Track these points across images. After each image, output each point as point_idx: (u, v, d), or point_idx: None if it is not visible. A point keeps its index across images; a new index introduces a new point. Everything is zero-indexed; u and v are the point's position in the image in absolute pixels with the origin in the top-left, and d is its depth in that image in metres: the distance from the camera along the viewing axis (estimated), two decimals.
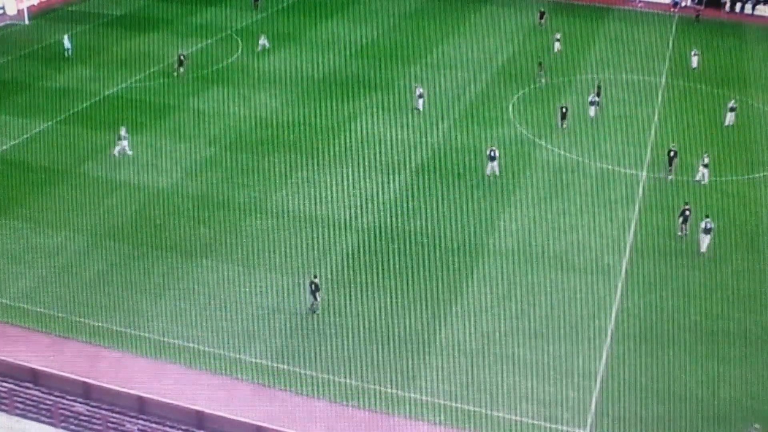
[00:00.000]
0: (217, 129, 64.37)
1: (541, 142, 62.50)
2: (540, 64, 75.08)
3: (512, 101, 70.18)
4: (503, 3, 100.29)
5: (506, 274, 46.82)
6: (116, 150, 59.86)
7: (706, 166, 57.28)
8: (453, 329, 42.34)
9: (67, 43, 79.91)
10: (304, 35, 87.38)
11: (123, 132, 60.11)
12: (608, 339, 41.84)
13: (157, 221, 51.53)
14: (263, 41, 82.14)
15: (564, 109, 65.49)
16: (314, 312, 43.46)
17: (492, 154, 57.88)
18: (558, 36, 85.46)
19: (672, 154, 57.97)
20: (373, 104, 69.48)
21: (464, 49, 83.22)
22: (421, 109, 68.28)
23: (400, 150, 61.06)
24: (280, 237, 50.12)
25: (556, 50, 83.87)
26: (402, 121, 65.94)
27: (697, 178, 57.34)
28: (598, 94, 68.87)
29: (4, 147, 60.75)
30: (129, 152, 60.19)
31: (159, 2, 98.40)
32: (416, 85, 70.63)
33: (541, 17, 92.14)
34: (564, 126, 65.16)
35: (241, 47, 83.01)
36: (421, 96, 68.57)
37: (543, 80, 73.82)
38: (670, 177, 57.59)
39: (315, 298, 43.28)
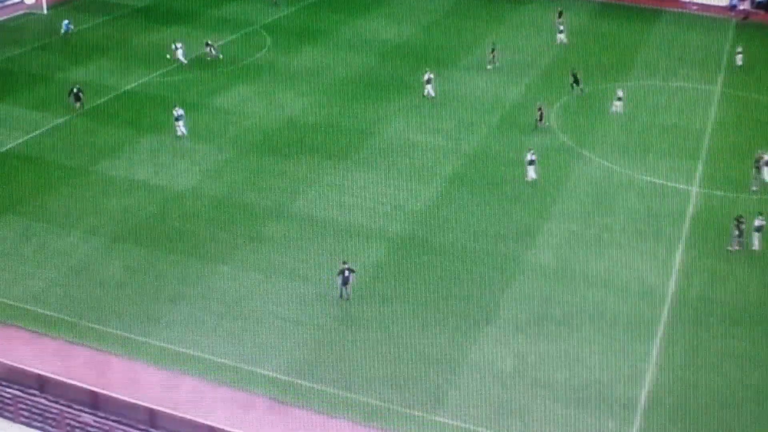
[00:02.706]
0: (241, 129, 64.65)
1: (584, 151, 62.26)
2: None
3: (555, 107, 69.94)
4: (546, 2, 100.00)
5: (543, 293, 46.60)
6: (179, 132, 62.54)
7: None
8: (485, 349, 42.19)
9: (67, 26, 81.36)
10: (334, 32, 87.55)
11: (178, 111, 62.49)
12: (652, 366, 41.48)
13: (175, 223, 51.80)
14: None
15: (540, 110, 66.33)
16: (347, 299, 44.61)
17: (531, 158, 57.91)
18: (562, 27, 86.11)
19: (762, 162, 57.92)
20: (406, 107, 69.47)
21: (504, 50, 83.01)
22: (434, 95, 70.12)
23: (432, 156, 61.03)
24: (303, 244, 50.22)
25: (559, 42, 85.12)
26: (436, 126, 65.91)
27: (754, 188, 57.17)
28: (576, 81, 72.34)
29: (18, 141, 61.32)
30: (183, 131, 62.58)
31: None
32: (427, 70, 71.67)
33: (560, 16, 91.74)
34: (541, 125, 65.91)
35: (268, 43, 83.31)
36: (429, 81, 70.08)
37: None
38: (754, 188, 57.40)
39: (347, 284, 44.39)
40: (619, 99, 69.11)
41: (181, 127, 63.03)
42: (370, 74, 76.50)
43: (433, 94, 71.03)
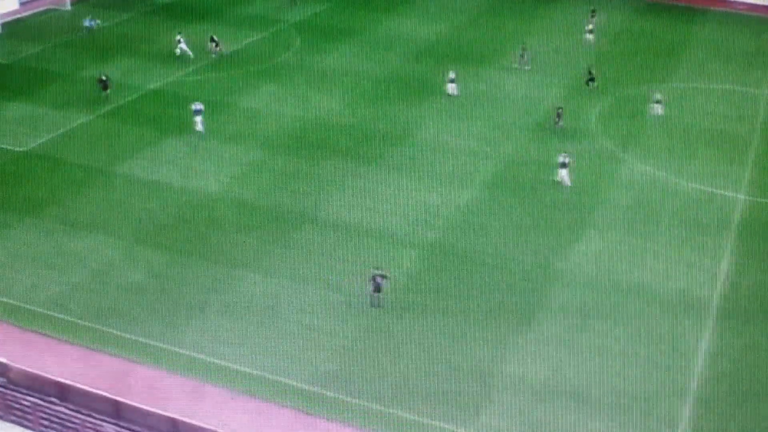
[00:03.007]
0: (269, 130, 64.69)
1: (626, 157, 61.87)
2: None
3: (596, 110, 69.58)
4: (593, 2, 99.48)
5: (582, 304, 46.28)
6: (198, 126, 63.43)
7: None
8: (521, 361, 41.92)
9: (87, 23, 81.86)
10: (365, 31, 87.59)
11: (197, 106, 63.25)
12: (695, 382, 41.06)
13: (200, 227, 51.84)
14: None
15: (560, 110, 66.53)
16: (378, 306, 44.54)
17: (564, 161, 57.68)
18: (591, 27, 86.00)
19: None
20: (439, 108, 69.31)
21: (543, 50, 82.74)
22: (456, 94, 70.79)
23: (468, 161, 60.83)
24: (333, 251, 50.14)
25: (585, 43, 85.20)
26: (472, 129, 65.71)
27: None
28: (591, 79, 73.90)
29: (40, 141, 61.66)
30: (201, 128, 63.36)
31: None
32: (450, 69, 72.49)
33: (592, 16, 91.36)
34: (558, 126, 66.05)
35: (297, 42, 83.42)
36: (452, 80, 70.78)
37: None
38: None
39: (378, 291, 44.46)
40: (658, 101, 68.70)
41: (199, 124, 63.65)
42: (401, 74, 76.37)
43: (456, 93, 71.39)
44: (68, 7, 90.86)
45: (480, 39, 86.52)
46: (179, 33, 79.98)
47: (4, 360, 37.50)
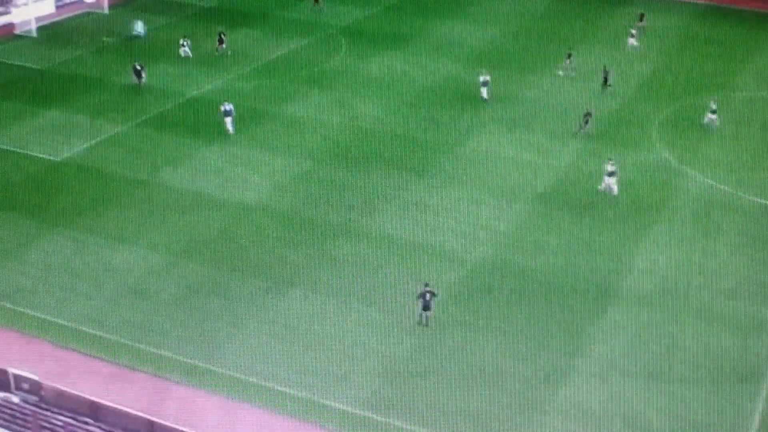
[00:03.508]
0: (313, 140, 64.89)
1: (688, 170, 61.37)
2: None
3: (657, 121, 69.10)
4: (650, 6, 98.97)
5: (641, 324, 45.88)
6: (226, 123, 64.46)
7: None
8: (575, 385, 41.64)
9: (138, 29, 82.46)
10: (415, 37, 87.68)
11: (227, 106, 64.57)
12: (760, 407, 40.59)
13: (241, 240, 52.03)
14: (186, 49, 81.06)
15: (588, 115, 66.49)
16: (425, 325, 44.33)
17: (611, 169, 57.47)
18: (634, 32, 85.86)
19: None
20: (493, 118, 69.20)
21: (601, 57, 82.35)
22: (487, 98, 71.17)
23: (521, 173, 60.63)
24: (378, 266, 50.15)
25: (629, 47, 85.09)
26: (525, 140, 65.53)
27: None
28: (605, 81, 74.75)
29: (75, 150, 62.26)
30: (231, 129, 64.48)
31: None
32: (482, 70, 72.84)
33: (641, 19, 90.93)
34: (583, 132, 66.15)
35: (344, 48, 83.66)
36: (485, 84, 71.16)
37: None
38: None
39: (428, 309, 44.31)
40: (713, 111, 68.00)
41: (229, 124, 64.52)
42: (451, 82, 76.32)
43: (485, 97, 71.88)
44: (106, 11, 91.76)
45: (531, 46, 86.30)
46: (183, 36, 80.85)
47: (36, 378, 37.76)
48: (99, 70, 77.07)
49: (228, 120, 64.91)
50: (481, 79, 72.21)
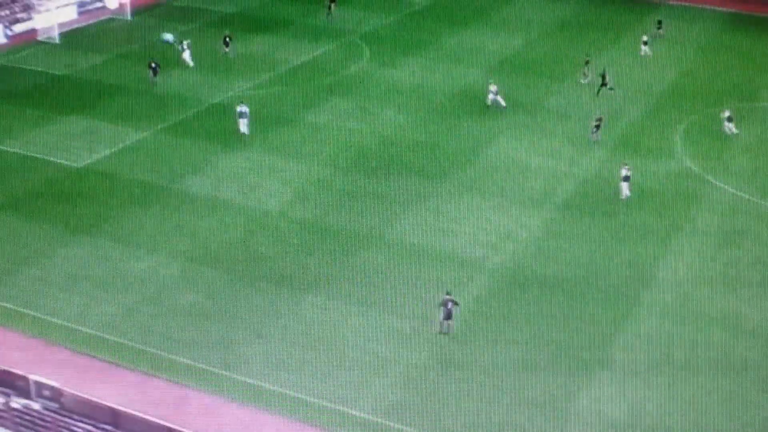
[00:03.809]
0: (334, 147, 64.97)
1: (711, 178, 61.13)
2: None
3: (680, 129, 68.86)
4: (674, 13, 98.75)
5: (663, 334, 45.69)
6: (240, 125, 65.23)
7: None
8: (597, 395, 41.49)
9: (169, 38, 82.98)
10: (437, 44, 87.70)
11: (243, 107, 65.20)
12: None
13: (261, 247, 52.11)
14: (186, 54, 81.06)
15: (599, 121, 66.48)
16: (447, 333, 44.42)
17: (626, 173, 57.56)
18: (645, 38, 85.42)
19: None
20: (515, 126, 69.12)
21: (625, 64, 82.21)
22: (504, 105, 71.38)
23: (543, 181, 60.54)
24: (399, 274, 50.12)
25: (643, 54, 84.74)
26: (547, 147, 65.42)
27: None
28: (603, 83, 74.72)
29: (98, 156, 62.50)
30: (245, 130, 65.02)
31: (276, 0, 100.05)
32: (491, 82, 72.95)
33: (659, 26, 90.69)
34: (595, 138, 66.04)
35: (366, 54, 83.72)
36: (495, 93, 71.61)
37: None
38: None
39: (449, 318, 44.21)
40: (729, 119, 67.75)
41: (243, 125, 65.21)
42: (474, 89, 76.19)
43: (503, 105, 71.74)
44: (129, 17, 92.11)
45: (553, 53, 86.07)
46: (185, 41, 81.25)
47: (56, 385, 37.88)
48: (122, 76, 77.33)
49: (243, 121, 65.42)
50: (492, 89, 72.53)
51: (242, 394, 41.03)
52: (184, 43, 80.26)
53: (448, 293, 44.93)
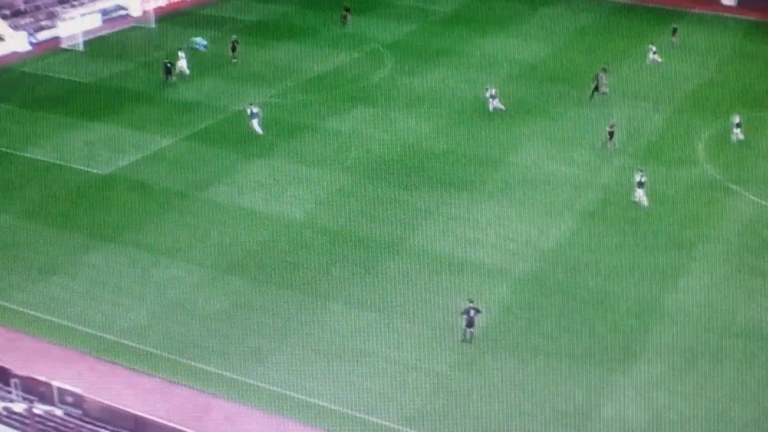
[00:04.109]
0: (358, 155, 65.08)
1: (735, 187, 60.93)
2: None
3: (703, 138, 68.68)
4: (698, 21, 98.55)
5: (686, 343, 45.56)
6: (253, 125, 66.44)
7: None
8: (619, 404, 41.41)
9: (200, 42, 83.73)
10: (461, 52, 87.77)
11: (254, 108, 66.47)
12: None
13: (285, 255, 52.23)
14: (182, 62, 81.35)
15: (612, 127, 66.52)
16: (469, 341, 44.39)
17: (640, 179, 57.48)
18: (654, 48, 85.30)
19: None
20: (538, 134, 69.10)
21: (648, 72, 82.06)
22: (503, 108, 72.04)
23: (566, 189, 60.49)
24: (422, 282, 50.17)
25: (649, 61, 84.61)
26: (570, 156, 65.37)
27: None
28: (596, 88, 75.74)
29: (122, 164, 62.80)
30: (258, 130, 66.13)
31: (300, 9, 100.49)
32: (488, 86, 73.71)
33: (674, 34, 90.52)
34: (611, 146, 66.02)
35: (390, 63, 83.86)
36: (493, 97, 72.36)
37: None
38: None
39: (471, 326, 44.27)
40: (738, 126, 67.62)
41: (255, 125, 66.82)
42: (499, 97, 76.17)
43: (502, 108, 72.71)
44: (153, 25, 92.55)
45: (575, 61, 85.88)
46: (180, 49, 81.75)
47: (79, 391, 38.09)
48: (146, 84, 77.75)
49: (254, 122, 66.84)
50: (488, 93, 73.15)
51: (266, 402, 41.15)
52: (181, 51, 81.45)
53: (470, 301, 44.96)
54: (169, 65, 77.52)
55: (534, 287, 50.02)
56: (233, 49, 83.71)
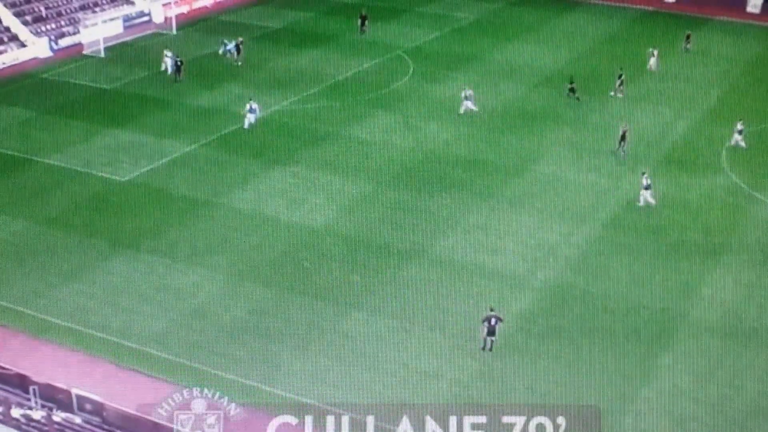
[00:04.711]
0: (379, 162, 65.05)
1: (759, 195, 60.61)
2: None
3: (726, 145, 68.35)
4: (722, 27, 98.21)
5: (709, 352, 45.32)
6: (246, 123, 67.81)
7: None
8: (641, 413, 41.22)
9: (229, 46, 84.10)
10: (483, 59, 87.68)
11: (252, 105, 67.66)
12: None
13: (305, 263, 52.25)
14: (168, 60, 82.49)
15: (624, 131, 66.22)
16: (489, 349, 44.18)
17: (646, 182, 57.62)
18: (655, 52, 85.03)
19: None
20: (560, 142, 68.94)
21: (670, 79, 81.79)
22: (476, 110, 72.80)
23: (588, 197, 60.30)
24: (443, 290, 50.04)
25: (649, 67, 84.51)
26: (592, 163, 65.18)
27: None
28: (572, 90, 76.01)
29: (142, 170, 62.96)
30: (246, 125, 67.91)
31: (323, 16, 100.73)
32: (465, 87, 74.04)
33: (687, 40, 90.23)
34: (623, 153, 65.78)
35: (411, 69, 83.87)
36: (467, 98, 72.48)
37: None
38: None
39: (492, 334, 44.06)
40: (740, 132, 67.36)
41: (250, 118, 68.24)
42: (520, 104, 76.20)
43: (474, 109, 72.98)
44: (174, 32, 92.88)
45: (597, 68, 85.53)
46: (166, 48, 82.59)
47: (99, 398, 38.13)
48: (167, 90, 77.94)
49: (251, 116, 68.47)
50: (464, 93, 73.45)
51: (284, 410, 40.95)
52: (166, 51, 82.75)
53: (491, 309, 44.83)
54: (180, 63, 79.03)
55: (556, 295, 49.88)
56: (238, 51, 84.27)
